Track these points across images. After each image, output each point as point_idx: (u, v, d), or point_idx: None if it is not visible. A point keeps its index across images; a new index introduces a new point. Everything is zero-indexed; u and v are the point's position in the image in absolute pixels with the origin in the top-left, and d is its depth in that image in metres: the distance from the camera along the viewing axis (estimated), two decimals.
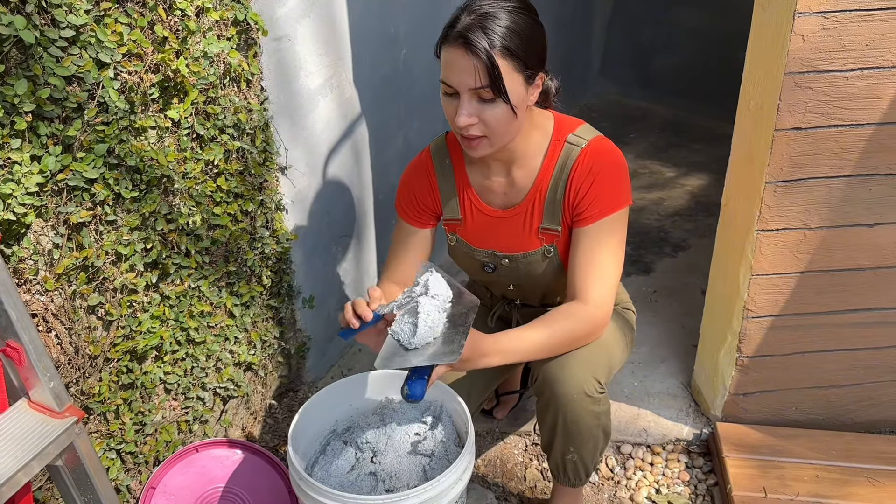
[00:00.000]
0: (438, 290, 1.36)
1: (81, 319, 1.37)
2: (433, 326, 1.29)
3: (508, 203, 1.51)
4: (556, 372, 1.43)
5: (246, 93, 1.60)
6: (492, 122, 1.31)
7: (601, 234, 1.42)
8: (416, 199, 1.56)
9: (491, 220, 1.53)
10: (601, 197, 1.41)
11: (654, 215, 3.02)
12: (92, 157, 1.30)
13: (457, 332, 1.30)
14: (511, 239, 1.52)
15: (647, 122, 3.95)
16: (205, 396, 1.69)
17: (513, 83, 1.28)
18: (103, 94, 1.28)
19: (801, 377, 1.85)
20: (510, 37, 1.26)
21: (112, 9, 1.28)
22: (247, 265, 1.72)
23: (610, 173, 1.42)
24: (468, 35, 1.24)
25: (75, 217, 1.30)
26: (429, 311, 1.30)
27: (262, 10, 1.58)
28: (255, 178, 1.67)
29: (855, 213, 1.62)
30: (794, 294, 1.72)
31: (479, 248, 1.56)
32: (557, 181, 1.44)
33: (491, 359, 1.35)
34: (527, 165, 1.47)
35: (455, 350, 1.25)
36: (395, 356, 1.27)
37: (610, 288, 1.43)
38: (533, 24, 1.31)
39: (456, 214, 1.56)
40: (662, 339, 2.29)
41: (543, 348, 1.40)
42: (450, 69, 1.28)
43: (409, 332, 1.29)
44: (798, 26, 1.42)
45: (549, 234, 1.49)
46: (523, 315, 1.71)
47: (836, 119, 1.51)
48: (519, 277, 1.58)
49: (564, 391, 1.42)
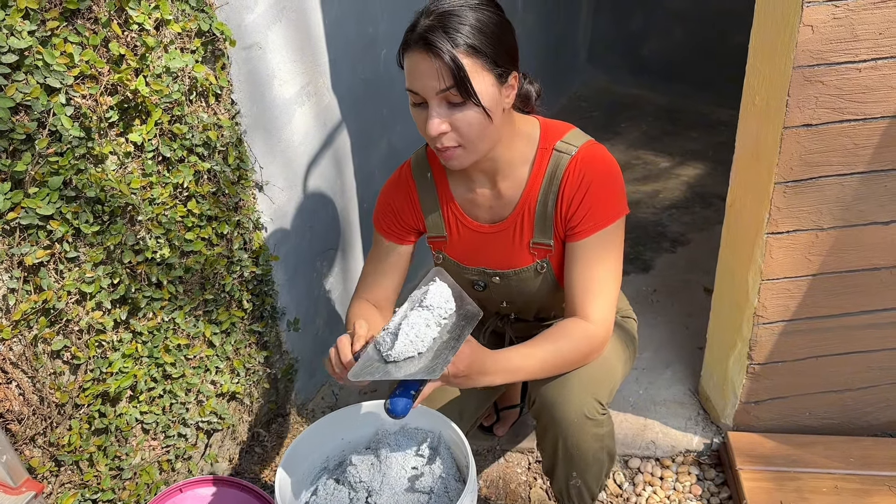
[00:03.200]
0: (436, 300, 1.27)
1: (45, 366, 1.27)
2: (415, 340, 1.20)
3: (495, 217, 1.41)
4: (554, 394, 1.34)
5: (215, 108, 1.49)
6: (464, 127, 1.20)
7: (598, 247, 1.33)
8: (396, 216, 1.46)
9: (478, 235, 1.43)
10: (595, 209, 1.31)
11: (650, 209, 2.92)
12: (46, 192, 1.19)
13: (447, 347, 1.21)
14: (501, 255, 1.43)
15: (638, 109, 3.85)
16: (186, 433, 1.59)
17: (482, 83, 1.18)
18: (55, 122, 1.17)
19: (814, 382, 1.76)
20: (474, 34, 1.16)
21: (60, 28, 1.16)
22: (225, 290, 1.61)
23: (603, 183, 1.32)
24: (428, 36, 1.14)
25: (31, 258, 1.18)
26: (413, 323, 1.21)
27: (229, 19, 1.46)
28: (230, 198, 1.56)
29: (869, 212, 1.52)
30: (807, 297, 1.63)
31: (468, 266, 1.46)
32: (547, 193, 1.35)
33: (492, 377, 1.26)
34: (512, 176, 1.37)
35: (438, 366, 1.16)
36: (370, 367, 1.18)
37: (610, 303, 1.35)
38: (499, 20, 1.21)
39: (440, 231, 1.46)
40: (666, 342, 2.20)
41: (546, 368, 1.32)
42: (413, 76, 1.18)
43: (390, 344, 1.20)
44: (807, 16, 1.32)
45: (542, 249, 1.39)
46: (517, 329, 1.63)
47: (849, 113, 1.42)
48: (511, 294, 1.49)
49: (564, 415, 1.34)
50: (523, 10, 3.29)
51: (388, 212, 1.47)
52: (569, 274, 1.36)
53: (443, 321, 1.26)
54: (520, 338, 1.63)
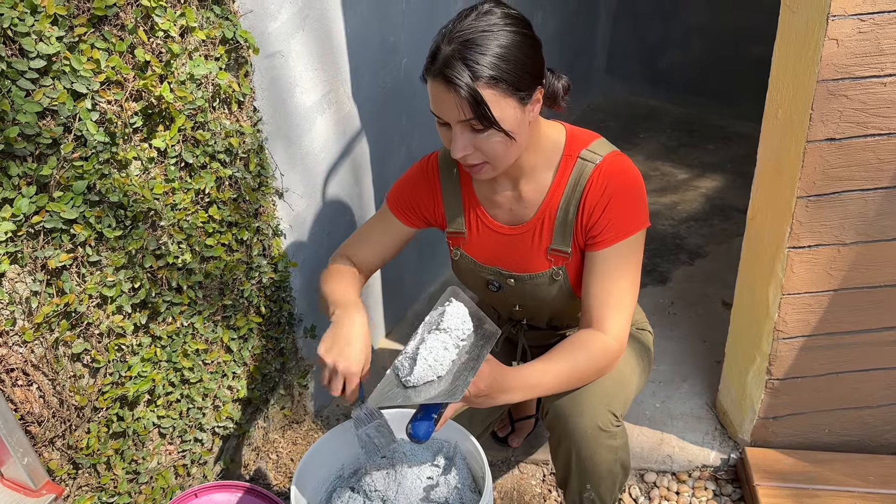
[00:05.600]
0: (453, 322, 1.26)
1: (65, 369, 1.28)
2: (434, 364, 1.19)
3: (515, 220, 1.42)
4: (568, 406, 1.34)
5: (238, 115, 1.49)
6: (489, 151, 1.22)
7: (617, 258, 1.32)
8: (414, 199, 1.48)
9: (498, 236, 1.44)
10: (616, 220, 1.31)
11: (669, 220, 2.91)
12: (70, 196, 1.19)
13: (466, 368, 1.20)
14: (518, 258, 1.43)
15: (656, 121, 3.83)
16: (203, 437, 1.59)
17: (504, 109, 1.18)
18: (80, 127, 1.18)
19: (834, 398, 1.74)
20: (495, 64, 1.15)
21: (87, 34, 1.17)
22: (243, 296, 1.62)
23: (626, 194, 1.32)
24: (446, 72, 1.14)
25: (54, 261, 1.19)
26: (431, 347, 1.21)
27: (253, 27, 1.47)
28: (250, 204, 1.57)
29: (892, 227, 1.51)
30: (827, 313, 1.61)
31: (485, 265, 1.47)
32: (569, 200, 1.35)
33: (512, 395, 1.26)
34: (535, 180, 1.37)
35: (458, 389, 1.15)
36: (391, 393, 1.18)
37: (627, 317, 1.34)
38: (522, 42, 1.19)
39: (461, 228, 1.47)
40: (683, 355, 2.18)
41: (564, 382, 1.32)
42: (435, 103, 1.20)
43: (409, 369, 1.20)
44: (832, 30, 1.31)
45: (559, 256, 1.39)
46: (529, 338, 1.63)
47: (873, 128, 1.40)
48: (524, 298, 1.48)
49: (578, 427, 1.33)
50: (542, 21, 3.29)
51: (406, 196, 1.49)
52: (587, 284, 1.35)
53: (461, 343, 1.25)
54: (532, 346, 1.62)
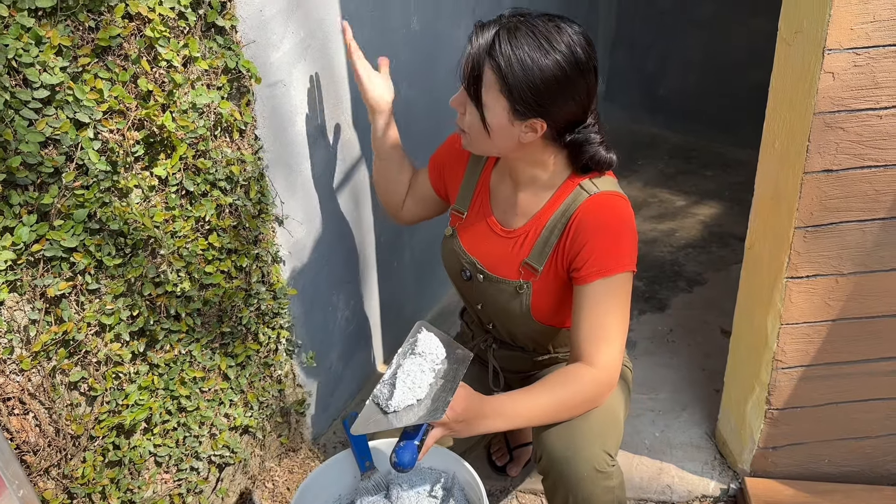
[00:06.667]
0: (427, 347, 1.28)
1: (62, 397, 1.27)
2: (413, 387, 1.21)
3: (506, 222, 1.46)
4: (562, 449, 1.32)
5: (239, 143, 1.50)
6: (468, 122, 1.33)
7: (604, 293, 1.33)
8: (443, 160, 1.60)
9: (488, 230, 1.48)
10: (599, 255, 1.32)
11: (667, 247, 2.91)
12: (71, 224, 1.20)
13: (444, 390, 1.21)
14: (496, 258, 1.46)
15: (655, 148, 3.86)
16: (199, 466, 1.58)
17: (494, 102, 1.26)
18: (82, 156, 1.19)
19: (834, 429, 1.74)
20: (510, 64, 1.22)
21: (91, 64, 1.18)
22: (242, 323, 1.62)
23: (611, 231, 1.33)
24: (483, 32, 1.24)
25: (53, 290, 1.19)
26: (409, 370, 1.23)
27: (255, 56, 1.49)
28: (250, 231, 1.57)
29: (890, 258, 1.51)
30: (827, 343, 1.61)
31: (467, 252, 1.50)
32: (556, 222, 1.37)
33: (492, 422, 1.26)
34: (533, 193, 1.41)
35: (439, 408, 1.17)
36: (373, 420, 1.20)
37: (617, 350, 1.34)
38: (552, 72, 1.22)
39: (464, 207, 1.53)
40: (683, 383, 2.17)
41: (549, 413, 1.32)
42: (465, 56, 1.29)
43: (388, 395, 1.21)
44: (828, 64, 1.32)
45: (529, 271, 1.41)
46: (500, 357, 1.62)
47: (870, 160, 1.41)
48: (486, 299, 1.51)
49: (574, 471, 1.31)
50: None
51: (439, 156, 1.62)
52: (575, 319, 1.36)
53: (436, 367, 1.27)
54: (505, 370, 1.62)
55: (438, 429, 1.22)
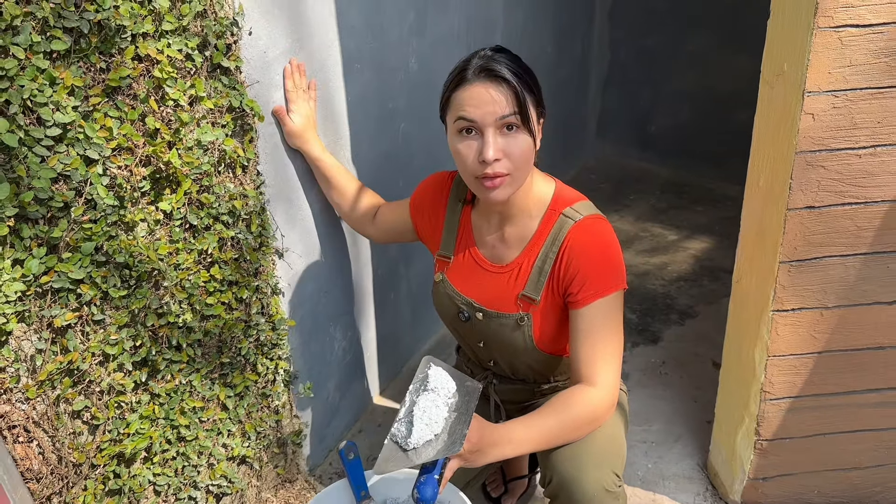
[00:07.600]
0: (438, 383, 1.30)
1: (66, 426, 1.30)
2: (430, 423, 1.23)
3: (496, 259, 1.49)
4: (572, 472, 1.35)
5: (241, 178, 1.55)
6: (516, 154, 1.31)
7: (600, 315, 1.38)
8: (421, 206, 1.62)
9: (479, 268, 1.51)
10: (592, 279, 1.37)
11: (659, 280, 2.96)
12: (79, 257, 1.24)
13: (459, 422, 1.24)
14: (492, 294, 1.49)
15: (646, 183, 3.93)
16: (196, 496, 1.60)
17: (532, 112, 1.32)
18: (91, 192, 1.23)
19: (822, 459, 1.76)
20: (523, 73, 1.31)
21: (102, 103, 1.23)
22: (241, 354, 1.65)
23: (601, 253, 1.38)
24: (491, 66, 1.28)
25: (60, 320, 1.23)
26: (424, 407, 1.25)
27: (258, 96, 1.54)
28: (251, 264, 1.61)
29: (873, 292, 1.56)
30: (813, 375, 1.65)
31: (461, 294, 1.53)
32: (547, 252, 1.42)
33: (503, 449, 1.29)
34: (520, 225, 1.45)
35: (457, 441, 1.19)
36: (393, 459, 1.21)
37: (616, 369, 1.39)
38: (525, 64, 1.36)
39: (449, 252, 1.55)
40: (675, 415, 2.20)
41: (556, 434, 1.34)
42: (472, 104, 1.29)
43: (406, 433, 1.23)
44: (808, 105, 1.38)
45: (527, 303, 1.45)
46: (501, 392, 1.65)
47: (850, 197, 1.47)
48: (487, 336, 1.53)
49: (584, 493, 1.33)
50: None
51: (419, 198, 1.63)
52: (573, 343, 1.40)
53: (449, 400, 1.29)
54: (506, 402, 1.65)
55: (455, 460, 1.24)
